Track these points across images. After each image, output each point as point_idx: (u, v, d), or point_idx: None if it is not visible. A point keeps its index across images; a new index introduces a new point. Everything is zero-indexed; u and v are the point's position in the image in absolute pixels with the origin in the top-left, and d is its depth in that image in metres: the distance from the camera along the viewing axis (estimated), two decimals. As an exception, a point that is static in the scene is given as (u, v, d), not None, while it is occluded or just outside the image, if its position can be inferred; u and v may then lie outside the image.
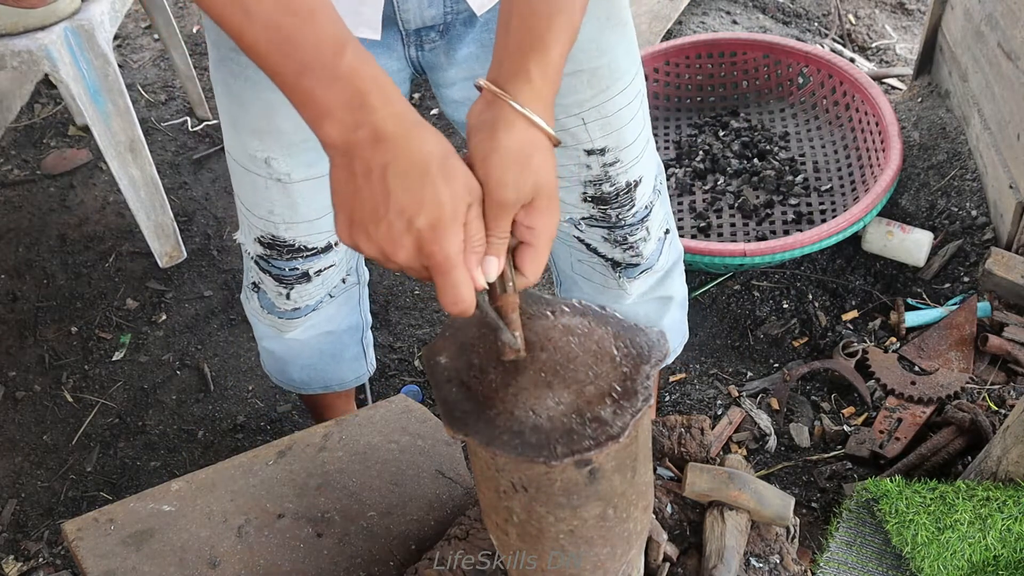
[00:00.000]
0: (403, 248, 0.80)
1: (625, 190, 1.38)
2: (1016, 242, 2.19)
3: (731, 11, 3.18)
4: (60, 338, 2.40)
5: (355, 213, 0.82)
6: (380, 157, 0.80)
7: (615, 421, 0.80)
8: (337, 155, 0.82)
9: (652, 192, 1.43)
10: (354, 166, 0.81)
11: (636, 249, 1.46)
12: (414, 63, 1.25)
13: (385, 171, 0.80)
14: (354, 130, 0.80)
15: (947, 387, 2.02)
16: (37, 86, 3.10)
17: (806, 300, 2.30)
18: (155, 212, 2.43)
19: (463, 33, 1.21)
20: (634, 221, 1.42)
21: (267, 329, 1.63)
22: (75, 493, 2.10)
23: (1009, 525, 1.58)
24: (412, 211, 0.79)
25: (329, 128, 0.81)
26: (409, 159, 0.80)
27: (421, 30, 1.18)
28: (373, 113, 0.80)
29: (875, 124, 2.42)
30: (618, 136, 1.32)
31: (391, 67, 1.24)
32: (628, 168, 1.36)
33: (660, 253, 1.51)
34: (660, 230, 1.49)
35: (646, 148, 1.39)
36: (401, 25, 1.16)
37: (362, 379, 1.85)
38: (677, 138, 2.66)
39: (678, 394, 2.18)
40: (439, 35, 1.20)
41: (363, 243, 0.83)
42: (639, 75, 1.34)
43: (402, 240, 0.80)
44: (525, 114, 0.87)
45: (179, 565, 1.21)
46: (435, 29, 1.19)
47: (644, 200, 1.42)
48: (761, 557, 1.23)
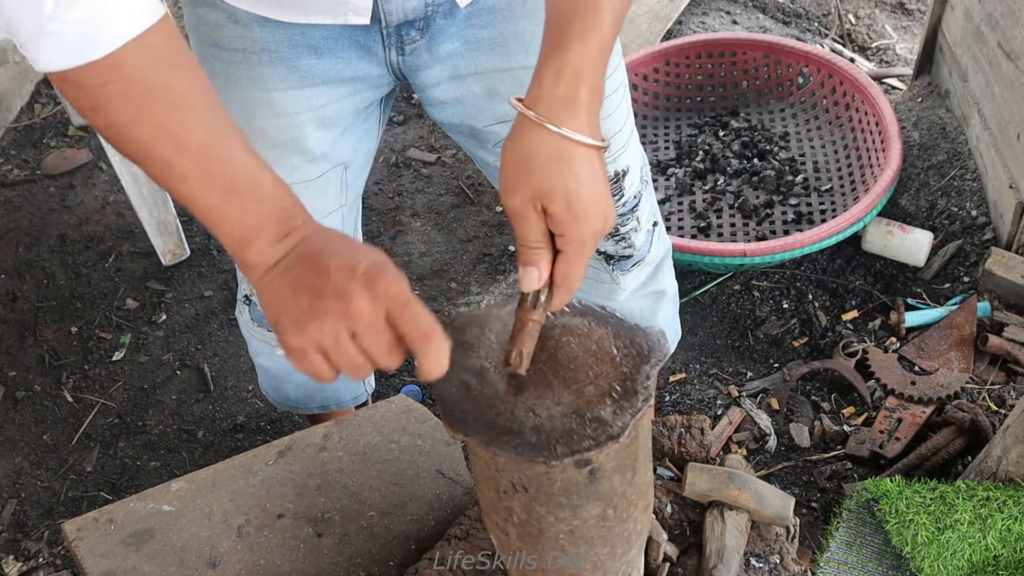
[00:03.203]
0: (355, 293, 0.79)
1: (614, 179, 1.38)
2: (1016, 242, 2.19)
3: (731, 11, 3.18)
4: (60, 338, 2.40)
5: (300, 303, 0.81)
6: (311, 245, 0.83)
7: (615, 421, 0.80)
8: (267, 270, 0.84)
9: (640, 182, 1.45)
10: (288, 265, 0.83)
11: (628, 240, 1.47)
12: (395, 69, 1.24)
13: (318, 253, 0.82)
14: (284, 237, 0.84)
15: (947, 387, 2.02)
16: (37, 86, 3.10)
17: (806, 300, 2.30)
18: (157, 209, 2.43)
19: (444, 27, 1.20)
20: (624, 211, 1.43)
21: (260, 345, 1.62)
22: (75, 493, 2.10)
23: (1009, 525, 1.58)
24: (352, 263, 0.80)
25: (260, 244, 0.84)
26: (333, 238, 0.84)
27: (402, 27, 1.18)
28: (297, 220, 0.85)
29: (875, 124, 2.42)
30: (606, 124, 1.33)
31: (371, 73, 1.23)
32: (616, 157, 1.37)
33: (651, 245, 1.52)
34: (649, 222, 1.51)
35: (631, 138, 1.40)
36: (384, 18, 1.16)
37: (359, 399, 1.84)
38: (677, 138, 2.66)
39: (678, 394, 2.18)
40: (420, 33, 1.19)
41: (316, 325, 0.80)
42: (621, 64, 1.35)
43: (352, 287, 0.79)
44: (530, 117, 0.87)
45: (179, 565, 1.21)
46: (415, 26, 1.18)
47: (632, 190, 1.43)
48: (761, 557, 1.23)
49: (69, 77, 0.79)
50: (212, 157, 0.83)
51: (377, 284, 0.79)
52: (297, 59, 1.19)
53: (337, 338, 0.80)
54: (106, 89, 0.79)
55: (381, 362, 0.81)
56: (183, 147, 0.82)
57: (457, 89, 1.26)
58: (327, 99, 1.24)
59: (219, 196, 0.83)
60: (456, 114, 1.30)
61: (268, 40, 1.17)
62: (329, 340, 0.80)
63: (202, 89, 0.85)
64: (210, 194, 0.83)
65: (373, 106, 1.33)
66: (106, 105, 0.81)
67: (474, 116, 1.29)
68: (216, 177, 0.83)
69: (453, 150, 2.84)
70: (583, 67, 0.88)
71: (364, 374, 0.82)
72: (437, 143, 2.88)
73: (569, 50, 0.88)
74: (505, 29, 1.21)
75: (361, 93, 1.26)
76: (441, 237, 2.60)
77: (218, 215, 0.84)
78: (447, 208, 2.68)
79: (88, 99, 0.81)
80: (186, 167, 0.83)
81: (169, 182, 0.84)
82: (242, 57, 1.19)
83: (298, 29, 1.16)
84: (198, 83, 0.84)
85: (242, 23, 1.17)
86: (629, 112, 1.39)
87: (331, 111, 1.25)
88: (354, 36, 1.18)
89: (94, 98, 0.80)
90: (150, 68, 0.80)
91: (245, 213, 0.83)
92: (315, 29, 1.17)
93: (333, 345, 0.80)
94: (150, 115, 0.81)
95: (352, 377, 0.83)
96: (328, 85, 1.22)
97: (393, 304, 0.79)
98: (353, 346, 0.80)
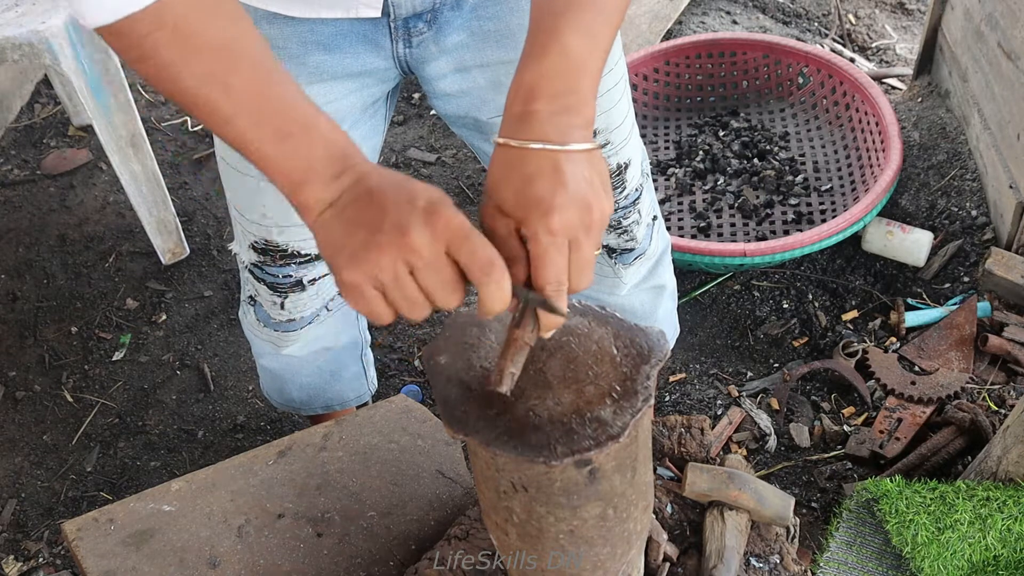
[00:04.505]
0: (414, 227, 0.77)
1: (616, 172, 1.39)
2: (1016, 242, 2.19)
3: (731, 11, 3.18)
4: (60, 338, 2.40)
5: (357, 239, 0.80)
6: (367, 184, 0.82)
7: (615, 421, 0.80)
8: (322, 211, 0.83)
9: (641, 175, 1.45)
10: (344, 204, 0.82)
11: (630, 233, 1.47)
12: (401, 62, 1.25)
13: (375, 190, 0.81)
14: (338, 177, 0.83)
15: (947, 387, 2.02)
16: (37, 86, 3.10)
17: (806, 300, 2.30)
18: (157, 208, 2.42)
19: (451, 19, 1.21)
20: (626, 204, 1.44)
21: (264, 345, 1.62)
22: (75, 493, 2.10)
23: (1009, 525, 1.58)
24: (410, 199, 0.79)
25: (313, 186, 0.83)
26: (390, 178, 0.82)
27: (410, 19, 1.18)
28: (352, 159, 0.84)
29: (875, 124, 2.42)
30: (607, 117, 1.33)
31: (378, 66, 1.24)
32: (618, 150, 1.37)
33: (651, 239, 1.53)
34: (649, 215, 1.52)
35: (632, 131, 1.41)
36: (392, 11, 1.16)
37: (363, 398, 1.84)
38: (677, 138, 2.66)
39: (678, 394, 2.18)
40: (427, 25, 1.20)
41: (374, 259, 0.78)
42: (622, 58, 1.36)
43: (411, 220, 0.77)
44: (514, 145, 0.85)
45: (179, 565, 1.21)
46: (423, 18, 1.19)
47: (634, 183, 1.43)
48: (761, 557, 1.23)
49: (115, 29, 0.81)
50: (261, 100, 0.83)
51: (436, 217, 0.78)
52: (306, 56, 1.19)
53: (396, 273, 0.78)
54: (151, 38, 0.81)
55: (439, 299, 0.79)
56: (230, 91, 0.82)
57: (463, 81, 1.26)
58: (335, 95, 1.24)
59: (270, 139, 0.83)
60: (461, 106, 1.30)
61: (277, 37, 1.18)
62: (387, 275, 0.78)
63: (248, 34, 0.85)
64: (261, 137, 0.83)
65: (379, 102, 1.33)
66: (153, 54, 0.82)
67: (479, 108, 1.29)
68: (266, 120, 0.83)
69: (453, 150, 2.84)
70: (563, 66, 0.88)
71: (422, 313, 0.80)
72: (437, 143, 2.88)
73: (545, 56, 0.88)
74: (511, 21, 1.21)
75: (368, 88, 1.27)
76: (441, 237, 2.60)
77: (270, 158, 0.84)
78: (447, 208, 2.68)
79: (135, 49, 0.82)
80: (234, 110, 0.83)
81: (218, 126, 0.84)
82: None
83: (307, 26, 1.17)
84: (244, 29, 0.85)
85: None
86: (629, 106, 1.40)
87: (338, 107, 1.26)
88: (362, 30, 1.19)
89: (140, 48, 0.82)
90: (193, 15, 0.81)
91: (297, 156, 0.83)
92: (324, 26, 1.17)
93: (391, 280, 0.79)
94: (197, 61, 0.82)
95: (409, 316, 0.80)
96: (336, 81, 1.23)
97: (453, 237, 0.78)
98: (412, 282, 0.79)
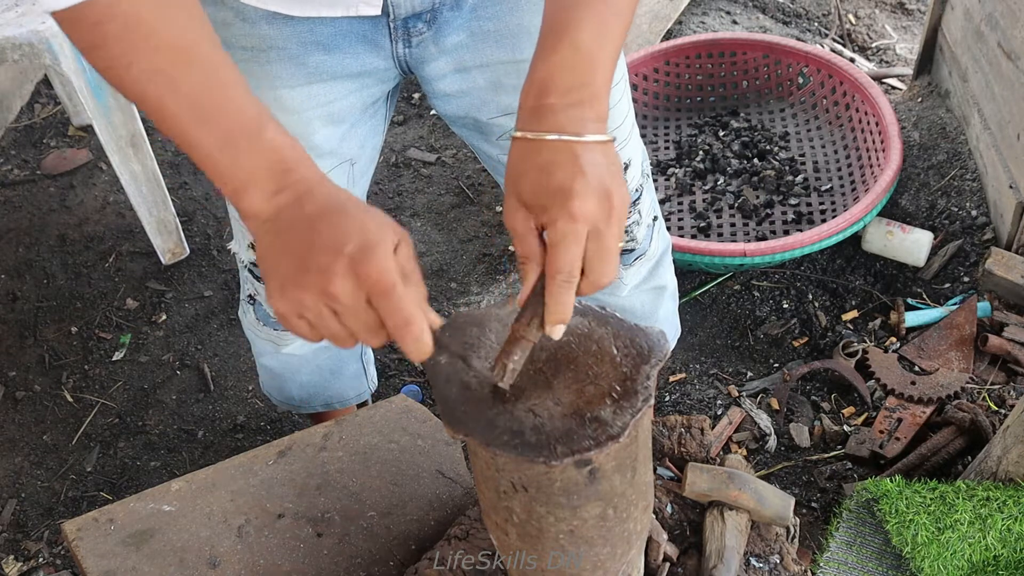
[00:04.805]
0: (337, 276, 0.78)
1: None
2: (1016, 242, 2.19)
3: (731, 11, 3.18)
4: (60, 338, 2.40)
5: (285, 269, 0.81)
6: (304, 210, 0.82)
7: (615, 421, 0.80)
8: (260, 223, 0.84)
9: (641, 176, 1.45)
10: (279, 226, 0.83)
11: (631, 233, 1.47)
12: (401, 62, 1.25)
13: (310, 220, 0.81)
14: (277, 193, 0.83)
15: (947, 387, 2.02)
16: (37, 86, 3.10)
17: (806, 300, 2.30)
18: (157, 208, 2.42)
19: (451, 19, 1.21)
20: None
21: (265, 344, 1.62)
22: (75, 493, 2.10)
23: (1009, 525, 1.58)
24: (339, 242, 0.79)
25: (252, 197, 0.83)
26: (329, 206, 0.82)
27: (409, 19, 1.18)
28: (295, 175, 0.84)
29: (875, 124, 2.42)
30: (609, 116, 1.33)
31: (378, 66, 1.24)
32: (619, 149, 1.37)
33: (651, 239, 1.53)
34: (649, 216, 1.51)
35: (632, 131, 1.41)
36: (392, 11, 1.16)
37: (363, 396, 1.85)
38: (677, 138, 2.66)
39: (678, 394, 2.18)
40: (427, 25, 1.20)
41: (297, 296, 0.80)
42: (622, 58, 1.36)
43: (334, 268, 0.78)
44: (529, 137, 0.88)
45: (179, 565, 1.21)
46: (422, 18, 1.19)
47: (635, 183, 1.43)
48: (761, 557, 1.23)
49: (68, 15, 0.81)
50: (207, 103, 0.83)
51: (360, 267, 0.78)
52: (306, 56, 1.19)
53: (319, 312, 0.80)
54: (102, 28, 0.81)
55: (362, 339, 0.81)
56: (177, 90, 0.82)
57: (463, 81, 1.26)
58: (335, 95, 1.24)
59: (213, 143, 0.83)
60: (461, 106, 1.30)
61: (277, 37, 1.17)
62: (311, 313, 0.80)
63: (201, 34, 0.85)
64: (204, 140, 0.84)
65: (379, 102, 1.33)
66: (103, 44, 0.82)
67: (479, 108, 1.29)
68: (210, 124, 0.83)
69: (453, 150, 2.84)
70: (571, 60, 0.91)
71: (349, 345, 0.83)
72: (437, 143, 2.88)
73: (552, 54, 0.90)
74: (511, 21, 1.21)
75: (368, 88, 1.27)
76: (441, 237, 2.60)
77: (212, 162, 0.84)
78: (447, 208, 2.68)
79: (87, 38, 0.83)
80: (179, 110, 0.83)
81: (163, 122, 0.84)
82: (251, 55, 1.19)
83: (307, 26, 1.17)
84: (197, 27, 0.85)
85: (250, 21, 1.17)
86: (629, 106, 1.40)
87: (338, 107, 1.26)
88: (362, 30, 1.18)
89: (92, 37, 0.82)
90: (146, 11, 0.81)
91: (238, 164, 0.83)
92: (323, 25, 1.17)
93: (315, 317, 0.81)
94: (145, 56, 0.82)
95: (337, 347, 0.83)
96: (336, 81, 1.23)
97: (373, 289, 0.78)
98: (335, 320, 0.81)
